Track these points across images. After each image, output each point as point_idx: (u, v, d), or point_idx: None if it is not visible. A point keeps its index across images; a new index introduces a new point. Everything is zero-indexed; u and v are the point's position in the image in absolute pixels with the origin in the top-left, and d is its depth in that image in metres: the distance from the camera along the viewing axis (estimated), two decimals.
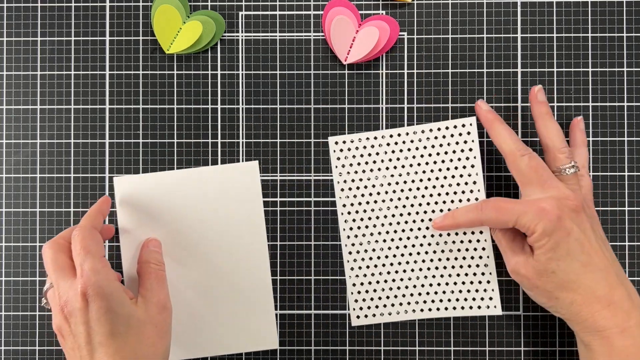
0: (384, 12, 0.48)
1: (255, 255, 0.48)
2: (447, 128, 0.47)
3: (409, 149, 0.47)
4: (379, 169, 0.47)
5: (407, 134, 0.47)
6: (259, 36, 0.49)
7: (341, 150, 0.48)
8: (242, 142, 0.48)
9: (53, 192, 0.48)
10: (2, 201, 0.48)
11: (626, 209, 0.48)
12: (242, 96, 0.49)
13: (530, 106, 0.45)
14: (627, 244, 0.48)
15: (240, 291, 0.48)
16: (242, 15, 0.49)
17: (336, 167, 0.48)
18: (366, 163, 0.48)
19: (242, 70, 0.49)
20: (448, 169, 0.47)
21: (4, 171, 0.49)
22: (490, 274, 0.47)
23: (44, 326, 0.48)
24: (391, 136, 0.47)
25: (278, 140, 0.48)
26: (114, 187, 0.48)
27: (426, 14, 0.48)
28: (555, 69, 0.48)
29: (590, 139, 0.48)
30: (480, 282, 0.47)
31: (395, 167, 0.47)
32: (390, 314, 0.48)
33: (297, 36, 0.48)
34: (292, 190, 0.48)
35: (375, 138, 0.47)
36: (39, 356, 0.48)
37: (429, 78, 0.48)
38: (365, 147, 0.48)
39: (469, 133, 0.46)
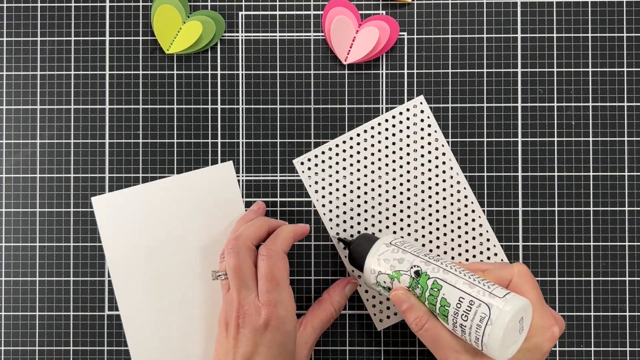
0: (384, 12, 0.48)
1: None
2: (400, 113, 0.48)
3: (372, 145, 0.48)
4: (351, 173, 0.47)
5: (366, 131, 0.48)
6: (259, 36, 0.49)
7: (309, 168, 0.48)
8: (242, 142, 0.48)
9: (53, 192, 0.48)
10: (2, 201, 0.48)
11: (626, 209, 0.48)
12: (242, 96, 0.49)
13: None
14: (627, 244, 0.48)
15: None
16: (242, 15, 0.49)
17: (310, 186, 0.48)
18: (337, 172, 0.48)
19: (242, 70, 0.49)
20: (415, 150, 0.47)
21: (4, 171, 0.49)
22: (487, 231, 0.47)
23: (43, 326, 0.48)
24: (351, 138, 0.48)
25: (278, 140, 0.48)
26: (93, 206, 0.48)
27: (426, 14, 0.48)
28: (555, 69, 0.48)
29: (591, 139, 0.48)
30: (481, 244, 0.47)
31: (365, 167, 0.48)
32: None
33: (297, 36, 0.48)
34: (292, 190, 0.48)
35: (337, 145, 0.48)
36: (39, 356, 0.48)
37: (429, 78, 0.48)
38: (331, 158, 0.48)
39: (422, 111, 0.47)
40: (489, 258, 0.47)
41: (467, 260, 0.47)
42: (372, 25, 0.47)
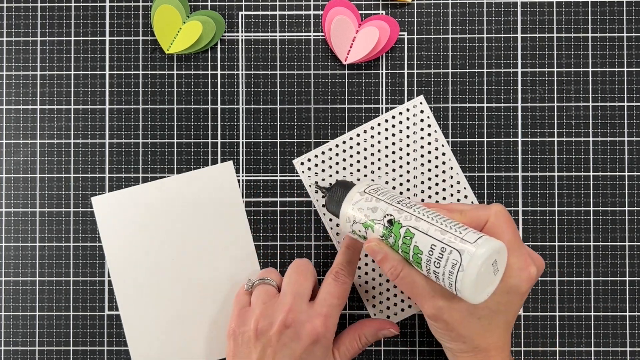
0: (384, 12, 0.48)
1: (243, 255, 0.48)
2: (400, 113, 0.47)
3: (372, 145, 0.48)
4: (351, 173, 0.47)
5: (365, 131, 0.48)
6: (259, 36, 0.49)
7: (309, 168, 0.48)
8: (242, 142, 0.48)
9: (53, 192, 0.48)
10: (2, 201, 0.48)
11: (626, 209, 0.48)
12: (242, 96, 0.49)
13: None
14: (627, 244, 0.48)
15: (232, 294, 0.47)
16: (242, 15, 0.49)
17: (310, 186, 0.48)
18: (337, 172, 0.48)
19: (242, 70, 0.49)
20: (415, 150, 0.47)
21: (4, 171, 0.49)
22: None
23: (43, 326, 0.48)
24: (351, 138, 0.48)
25: (278, 141, 0.48)
26: (93, 206, 0.48)
27: (426, 14, 0.48)
28: (555, 69, 0.48)
29: (591, 139, 0.48)
30: None
31: (365, 167, 0.48)
32: (410, 306, 0.48)
33: (297, 36, 0.48)
34: (292, 190, 0.48)
35: (337, 146, 0.48)
36: (39, 356, 0.48)
37: (429, 78, 0.48)
38: (331, 158, 0.48)
39: (422, 111, 0.47)
40: None
41: None
42: (372, 25, 0.47)
